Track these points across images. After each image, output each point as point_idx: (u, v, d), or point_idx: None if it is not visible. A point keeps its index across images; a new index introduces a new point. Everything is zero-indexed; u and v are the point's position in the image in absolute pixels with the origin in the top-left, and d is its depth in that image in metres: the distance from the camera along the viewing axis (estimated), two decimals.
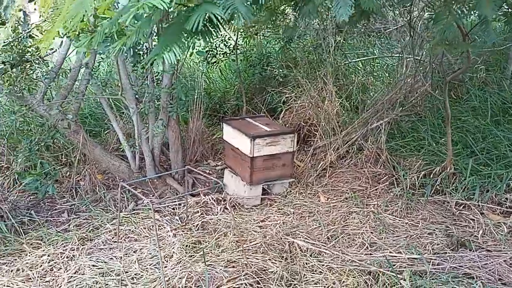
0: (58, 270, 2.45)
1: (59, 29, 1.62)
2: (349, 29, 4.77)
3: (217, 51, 4.95)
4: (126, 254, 2.61)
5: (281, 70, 4.71)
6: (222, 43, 4.93)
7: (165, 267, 2.44)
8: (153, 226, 2.93)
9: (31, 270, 2.42)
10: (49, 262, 2.52)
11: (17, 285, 2.29)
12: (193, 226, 2.94)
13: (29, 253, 2.60)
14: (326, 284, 2.32)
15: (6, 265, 2.48)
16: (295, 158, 3.76)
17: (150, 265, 2.48)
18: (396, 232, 2.89)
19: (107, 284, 2.30)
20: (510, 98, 4.18)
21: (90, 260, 2.53)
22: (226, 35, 4.97)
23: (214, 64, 5.09)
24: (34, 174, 2.95)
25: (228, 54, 5.01)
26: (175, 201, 3.32)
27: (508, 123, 3.71)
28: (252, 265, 2.46)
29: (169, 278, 2.32)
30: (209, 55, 4.89)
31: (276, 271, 2.41)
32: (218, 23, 1.16)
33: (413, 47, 3.30)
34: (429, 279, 2.29)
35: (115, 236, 2.80)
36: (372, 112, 3.89)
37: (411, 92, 3.95)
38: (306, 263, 2.52)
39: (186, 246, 2.66)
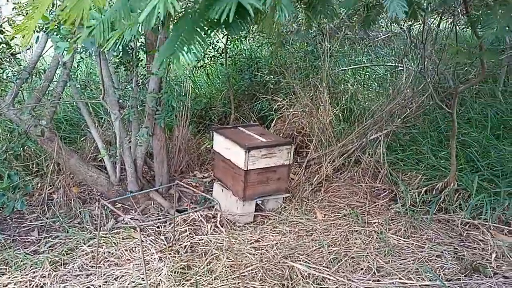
0: None
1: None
2: (345, 34, 4.58)
3: (205, 54, 4.67)
4: (106, 282, 2.29)
5: (272, 76, 4.47)
6: (210, 46, 4.66)
7: None
8: (135, 247, 2.62)
9: None
10: None
11: None
12: (181, 247, 2.64)
13: None
14: None
15: None
16: None
17: None
18: (403, 255, 2.68)
19: None
20: (506, 110, 4.08)
21: None
22: (214, 37, 4.70)
23: (201, 68, 4.81)
24: (0, 188, 2.60)
25: (216, 58, 4.74)
26: (160, 218, 3.01)
27: (509, 136, 3.58)
28: None
29: None
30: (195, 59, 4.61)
31: None
32: (249, 16, 0.91)
33: (424, 56, 3.10)
34: None
35: (93, 259, 2.47)
36: (370, 123, 3.69)
37: (410, 103, 3.78)
38: None
39: (175, 272, 2.37)
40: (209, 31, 0.99)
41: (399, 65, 4.00)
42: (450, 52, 2.55)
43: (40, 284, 2.25)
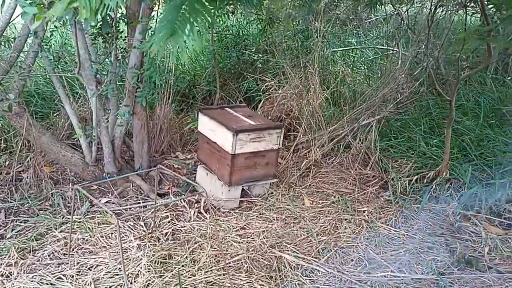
0: None
1: None
2: (337, 14, 4.40)
3: None
4: (79, 272, 2.10)
5: (260, 55, 4.26)
6: None
7: None
8: (112, 234, 2.44)
9: None
10: None
11: None
12: (162, 235, 2.47)
13: None
14: None
15: None
16: None
17: None
18: (394, 245, 2.58)
19: None
20: (498, 99, 4.01)
21: (32, 280, 2.01)
22: None
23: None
24: None
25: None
26: (139, 202, 2.83)
27: (503, 125, 3.51)
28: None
29: None
30: None
31: None
32: None
33: (428, 42, 2.94)
34: None
35: (65, 247, 2.28)
36: (363, 108, 3.55)
37: (403, 89, 3.65)
38: (298, 285, 2.15)
39: (155, 262, 2.20)
40: (220, 3, 0.80)
41: (393, 49, 3.85)
42: (458, 38, 2.40)
43: (5, 273, 2.05)
